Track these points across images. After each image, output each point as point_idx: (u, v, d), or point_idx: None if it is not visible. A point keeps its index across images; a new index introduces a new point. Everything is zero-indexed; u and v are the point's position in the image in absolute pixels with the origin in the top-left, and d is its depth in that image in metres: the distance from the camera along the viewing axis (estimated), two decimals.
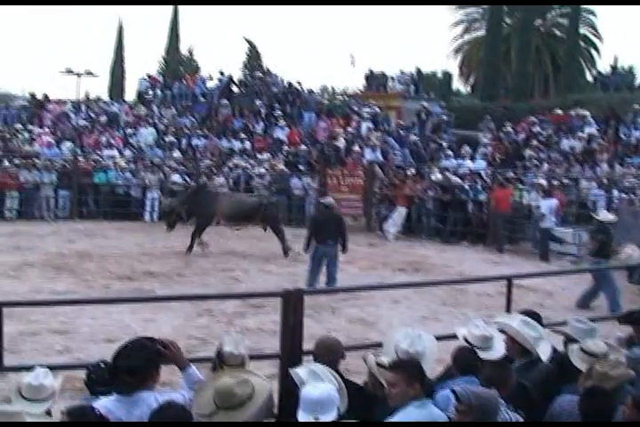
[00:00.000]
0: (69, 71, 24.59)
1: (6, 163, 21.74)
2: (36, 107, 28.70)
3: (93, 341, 9.64)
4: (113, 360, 4.47)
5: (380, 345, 5.86)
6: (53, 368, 4.83)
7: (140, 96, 31.84)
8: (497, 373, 4.90)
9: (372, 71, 32.78)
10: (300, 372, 4.80)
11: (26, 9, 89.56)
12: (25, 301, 10.54)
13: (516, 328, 5.59)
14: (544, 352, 5.54)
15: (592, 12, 41.32)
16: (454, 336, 5.89)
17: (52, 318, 10.41)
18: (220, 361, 5.05)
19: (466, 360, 5.23)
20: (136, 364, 4.39)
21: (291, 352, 6.23)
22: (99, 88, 41.10)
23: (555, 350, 5.70)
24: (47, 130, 26.07)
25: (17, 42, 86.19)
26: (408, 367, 4.73)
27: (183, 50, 45.85)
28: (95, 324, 10.35)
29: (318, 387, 4.39)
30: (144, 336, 4.84)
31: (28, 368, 4.80)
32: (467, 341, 5.46)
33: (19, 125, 26.03)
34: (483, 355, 5.33)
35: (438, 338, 6.57)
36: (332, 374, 4.79)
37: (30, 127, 26.05)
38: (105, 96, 35.75)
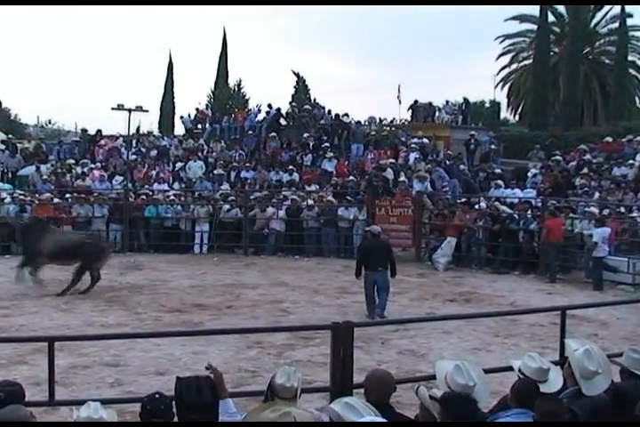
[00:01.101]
0: (120, 106, 24.90)
1: (57, 199, 22.03)
2: (89, 142, 29.16)
3: (144, 374, 9.67)
4: (180, 397, 4.43)
5: (431, 377, 5.77)
6: (104, 402, 4.82)
7: (189, 130, 32.28)
8: (551, 407, 4.77)
9: (416, 101, 32.87)
10: (334, 407, 4.73)
11: (78, 45, 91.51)
12: (75, 335, 10.63)
13: (576, 357, 5.45)
14: (596, 387, 5.35)
15: None
16: (507, 368, 5.79)
17: (104, 351, 10.48)
18: (272, 394, 5.00)
19: (526, 393, 5.08)
20: (208, 399, 4.40)
21: (341, 385, 6.17)
22: (149, 122, 41.82)
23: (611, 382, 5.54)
24: (99, 164, 26.42)
25: (69, 78, 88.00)
26: (456, 402, 4.64)
27: (232, 84, 46.26)
28: (146, 356, 10.39)
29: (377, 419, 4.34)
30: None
31: (80, 403, 4.80)
32: (522, 373, 5.34)
33: (71, 160, 26.40)
34: (540, 388, 5.21)
35: (491, 370, 6.49)
36: (367, 406, 4.70)
37: (82, 162, 26.43)
38: (155, 130, 36.31)
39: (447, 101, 32.97)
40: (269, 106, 31.46)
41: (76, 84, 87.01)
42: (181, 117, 34.32)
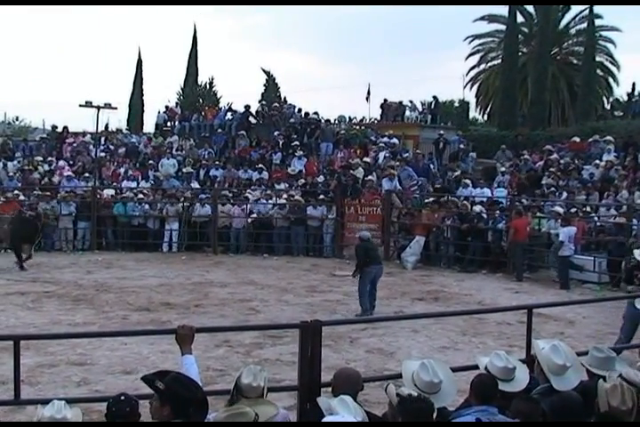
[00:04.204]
0: (88, 104, 24.67)
1: (22, 197, 21.85)
2: (56, 139, 28.89)
3: (111, 373, 9.62)
4: (177, 392, 4.28)
5: (398, 376, 5.79)
6: (70, 401, 4.79)
7: (159, 128, 32.06)
8: (526, 407, 4.78)
9: (385, 100, 32.94)
10: (328, 400, 4.75)
11: (45, 41, 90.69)
12: (41, 334, 10.55)
13: (543, 353, 5.48)
14: (567, 382, 5.37)
15: (609, 40, 41.36)
16: (474, 367, 5.81)
17: (70, 350, 10.41)
18: (239, 393, 4.98)
19: (484, 388, 5.11)
20: (203, 394, 4.39)
21: (309, 384, 6.17)
22: (118, 119, 41.45)
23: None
24: (66, 162, 26.21)
25: (37, 75, 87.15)
26: (410, 403, 4.64)
27: (201, 81, 46.01)
28: (113, 355, 10.34)
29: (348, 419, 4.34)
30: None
31: (46, 402, 4.77)
32: (488, 371, 5.36)
33: (39, 158, 26.17)
34: (505, 387, 5.22)
35: (459, 368, 6.52)
36: (358, 409, 4.70)
37: (50, 159, 26.20)
38: (124, 128, 35.98)
39: (411, 101, 33.13)
40: (230, 109, 31.50)
41: (45, 80, 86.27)
42: (164, 112, 33.69)
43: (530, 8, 42.04)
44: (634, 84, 39.51)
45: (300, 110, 30.59)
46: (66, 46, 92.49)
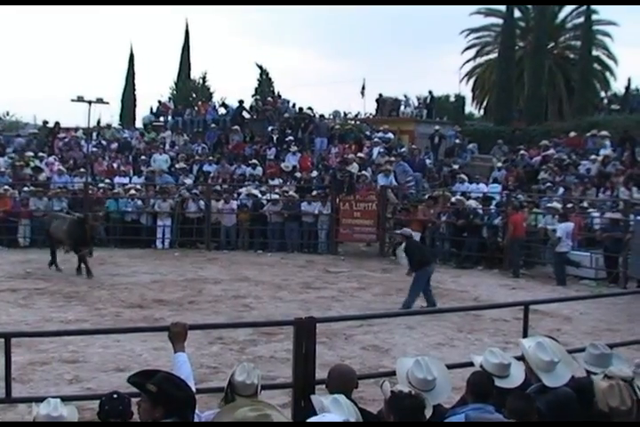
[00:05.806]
0: (80, 98, 24.53)
1: (12, 190, 21.71)
2: (48, 134, 28.73)
3: (104, 370, 9.52)
4: (170, 393, 4.27)
5: (393, 373, 5.71)
6: (62, 399, 4.72)
7: (146, 127, 31.88)
8: (521, 405, 4.72)
9: (381, 95, 32.87)
10: (322, 399, 4.66)
11: (36, 36, 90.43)
12: (33, 332, 10.47)
13: (529, 352, 5.42)
14: (557, 378, 5.31)
15: (606, 34, 41.27)
16: (470, 364, 5.75)
17: (63, 348, 10.31)
18: (232, 391, 4.93)
19: (481, 386, 5.06)
20: (192, 392, 4.44)
21: (304, 381, 6.11)
22: (110, 114, 41.08)
23: (572, 376, 5.50)
24: (58, 157, 26.05)
25: (27, 69, 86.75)
26: (402, 399, 4.57)
27: (194, 76, 45.82)
28: (105, 353, 10.25)
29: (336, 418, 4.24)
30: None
31: (38, 400, 4.73)
32: (483, 368, 5.30)
33: (30, 153, 25.99)
34: (500, 383, 5.17)
35: (454, 366, 6.45)
36: (351, 408, 4.61)
37: (41, 155, 26.04)
38: (116, 123, 35.87)
39: (405, 95, 33.11)
40: (223, 103, 31.52)
41: (35, 75, 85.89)
42: (149, 114, 33.74)
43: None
44: (629, 80, 39.52)
45: (294, 105, 30.53)
46: (58, 41, 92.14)
